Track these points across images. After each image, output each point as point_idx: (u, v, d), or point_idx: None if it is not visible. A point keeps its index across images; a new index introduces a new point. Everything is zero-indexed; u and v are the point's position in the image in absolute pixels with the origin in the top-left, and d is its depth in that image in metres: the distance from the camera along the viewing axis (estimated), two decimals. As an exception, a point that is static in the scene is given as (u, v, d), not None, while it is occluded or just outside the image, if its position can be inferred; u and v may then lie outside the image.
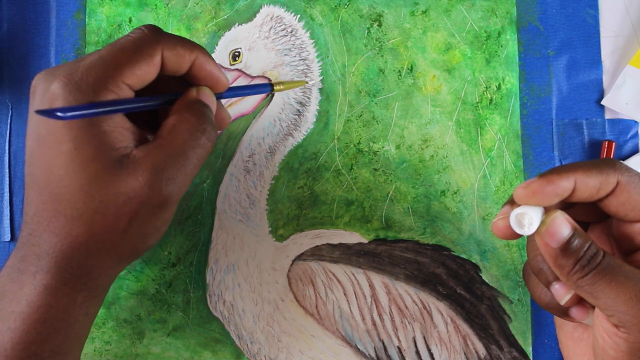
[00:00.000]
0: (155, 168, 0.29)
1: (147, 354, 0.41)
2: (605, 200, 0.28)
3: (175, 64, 0.31)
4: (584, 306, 0.30)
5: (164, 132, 0.30)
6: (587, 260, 0.27)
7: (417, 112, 0.41)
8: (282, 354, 0.40)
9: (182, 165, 0.30)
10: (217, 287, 0.41)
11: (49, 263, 0.29)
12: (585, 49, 0.41)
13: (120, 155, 0.29)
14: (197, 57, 0.31)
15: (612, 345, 0.28)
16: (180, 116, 0.30)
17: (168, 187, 0.29)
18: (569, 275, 0.27)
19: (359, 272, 0.40)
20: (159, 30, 0.31)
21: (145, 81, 0.30)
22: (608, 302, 0.27)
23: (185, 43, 0.31)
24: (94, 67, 0.28)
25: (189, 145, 0.30)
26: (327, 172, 0.41)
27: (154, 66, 0.30)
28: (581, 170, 0.27)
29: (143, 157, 0.29)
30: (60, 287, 0.29)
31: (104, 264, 0.30)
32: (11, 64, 0.43)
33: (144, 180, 0.28)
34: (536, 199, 0.27)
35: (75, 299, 0.29)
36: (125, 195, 0.28)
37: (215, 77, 0.33)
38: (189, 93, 0.32)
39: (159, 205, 0.29)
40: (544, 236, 0.27)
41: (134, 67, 0.29)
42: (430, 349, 0.39)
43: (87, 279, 0.30)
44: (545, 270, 0.30)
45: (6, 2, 0.43)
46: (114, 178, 0.28)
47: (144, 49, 0.29)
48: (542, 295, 0.31)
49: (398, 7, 0.42)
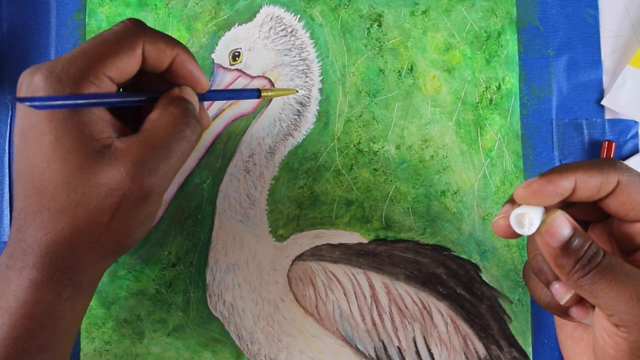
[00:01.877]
0: (137, 159, 0.29)
1: (147, 354, 0.41)
2: (606, 199, 0.28)
3: (157, 59, 0.31)
4: (584, 306, 0.30)
5: (147, 125, 0.30)
6: (588, 260, 0.27)
7: (417, 112, 0.41)
8: (282, 354, 0.40)
9: (164, 158, 0.29)
10: (217, 287, 0.41)
11: (35, 257, 0.29)
12: (585, 49, 0.41)
13: (101, 146, 0.29)
14: (179, 55, 0.31)
15: (612, 345, 0.28)
16: (164, 109, 0.31)
17: (150, 179, 0.29)
18: (569, 275, 0.27)
19: (359, 272, 0.40)
20: (142, 24, 0.31)
21: (126, 74, 0.30)
22: (608, 302, 0.27)
23: (167, 39, 0.31)
24: (76, 59, 0.28)
25: (173, 138, 0.30)
26: (327, 172, 0.41)
27: (135, 59, 0.30)
28: (582, 170, 0.27)
29: (125, 148, 0.29)
30: (45, 282, 0.29)
31: (89, 258, 0.30)
32: (11, 64, 0.43)
33: (125, 171, 0.28)
34: (537, 198, 0.27)
35: (60, 294, 0.29)
36: (106, 186, 0.28)
37: (196, 77, 0.33)
38: (173, 91, 0.32)
39: (141, 198, 0.29)
40: (544, 236, 0.27)
41: (115, 59, 0.29)
42: (430, 349, 0.39)
43: (71, 274, 0.30)
44: (545, 270, 0.30)
45: (6, 2, 0.43)
46: (95, 169, 0.28)
47: (126, 41, 0.29)
48: (542, 295, 0.31)
49: (398, 7, 0.42)
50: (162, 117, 0.30)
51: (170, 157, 0.30)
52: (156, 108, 0.31)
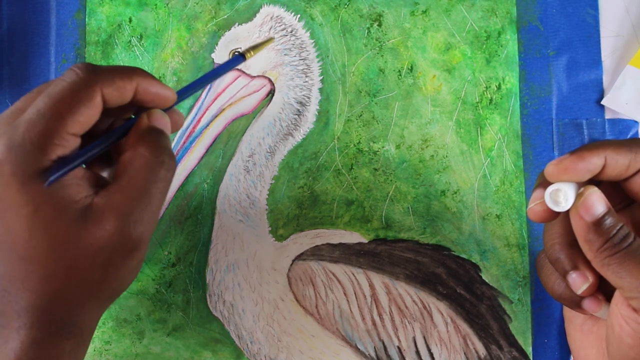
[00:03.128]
0: (121, 213, 0.28)
1: (147, 353, 0.41)
2: (632, 179, 0.29)
3: (117, 97, 0.29)
4: (597, 298, 0.30)
5: (121, 171, 0.29)
6: (619, 239, 0.27)
7: (417, 112, 0.41)
8: (282, 354, 0.40)
9: (146, 205, 0.29)
10: (217, 287, 0.41)
11: (31, 319, 0.28)
12: (585, 49, 0.41)
13: (82, 208, 0.28)
14: (139, 84, 0.30)
15: (629, 332, 0.28)
16: (135, 152, 0.29)
17: (137, 230, 0.29)
18: (597, 252, 0.27)
19: (359, 272, 0.40)
20: (94, 68, 0.29)
21: (89, 124, 0.29)
22: (633, 283, 0.27)
23: (122, 73, 0.30)
24: (35, 124, 0.27)
25: (150, 182, 0.29)
26: (327, 172, 0.41)
27: (95, 108, 0.29)
28: (611, 148, 0.28)
29: (105, 204, 0.28)
30: (48, 339, 0.28)
31: (87, 311, 0.30)
32: (11, 64, 0.43)
33: (112, 228, 0.28)
34: (568, 175, 0.28)
35: (64, 348, 0.29)
36: (95, 246, 0.28)
37: (163, 97, 0.31)
38: (140, 122, 0.31)
39: (131, 249, 0.29)
40: (580, 209, 0.27)
41: (75, 115, 0.28)
42: (430, 349, 0.39)
43: (72, 328, 0.29)
44: (562, 260, 0.30)
45: (6, 2, 0.43)
46: (81, 232, 0.28)
47: (82, 93, 0.28)
48: (556, 285, 0.31)
49: (398, 7, 0.42)
50: (135, 161, 0.29)
51: (151, 203, 0.29)
52: (127, 148, 0.30)
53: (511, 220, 0.40)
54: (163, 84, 0.31)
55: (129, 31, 0.42)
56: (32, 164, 0.27)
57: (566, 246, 0.30)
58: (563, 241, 0.30)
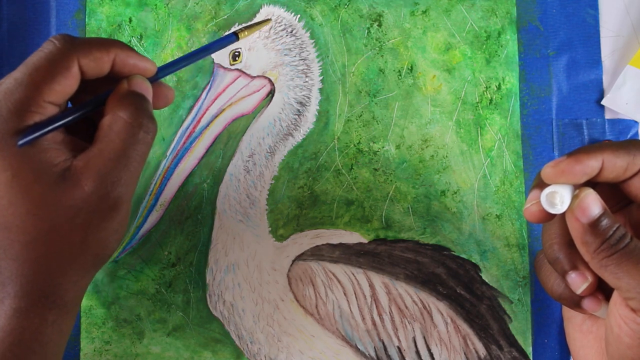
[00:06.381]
0: (98, 174, 0.28)
1: (147, 353, 0.41)
2: (630, 181, 0.29)
3: (95, 68, 0.30)
4: (597, 298, 0.30)
5: (100, 134, 0.30)
6: (616, 240, 0.27)
7: (417, 112, 0.41)
8: (282, 354, 0.40)
9: (124, 165, 0.29)
10: (217, 287, 0.41)
11: (15, 288, 0.28)
12: (585, 49, 0.41)
13: (61, 170, 0.28)
14: (117, 55, 0.30)
15: (628, 332, 0.28)
16: (113, 115, 0.30)
17: (115, 190, 0.29)
18: (594, 254, 0.27)
19: (359, 272, 0.40)
20: (71, 39, 0.29)
21: (67, 93, 0.29)
22: (631, 284, 0.27)
23: (100, 45, 0.30)
24: (12, 92, 0.28)
25: (128, 144, 0.29)
26: (327, 172, 0.41)
27: (73, 78, 0.29)
28: (609, 150, 0.28)
29: (84, 166, 0.29)
30: (30, 308, 0.28)
31: (70, 278, 0.30)
32: (11, 64, 0.43)
33: (89, 188, 0.28)
34: (565, 177, 0.27)
35: (47, 318, 0.29)
36: (74, 207, 0.28)
37: (141, 68, 0.31)
38: (120, 87, 0.31)
39: (110, 209, 0.29)
40: (576, 211, 0.27)
41: (53, 83, 0.28)
42: (430, 349, 0.39)
43: (55, 297, 0.29)
44: (561, 259, 0.30)
45: (6, 2, 0.43)
46: (59, 195, 0.28)
47: (59, 62, 0.28)
48: (555, 285, 0.31)
49: (398, 7, 0.42)
50: (114, 124, 0.29)
51: (130, 164, 0.29)
52: (106, 112, 0.30)
53: (511, 220, 0.40)
54: (142, 55, 0.32)
55: (129, 31, 0.42)
56: (9, 130, 0.27)
57: (565, 246, 0.30)
58: (562, 241, 0.30)
